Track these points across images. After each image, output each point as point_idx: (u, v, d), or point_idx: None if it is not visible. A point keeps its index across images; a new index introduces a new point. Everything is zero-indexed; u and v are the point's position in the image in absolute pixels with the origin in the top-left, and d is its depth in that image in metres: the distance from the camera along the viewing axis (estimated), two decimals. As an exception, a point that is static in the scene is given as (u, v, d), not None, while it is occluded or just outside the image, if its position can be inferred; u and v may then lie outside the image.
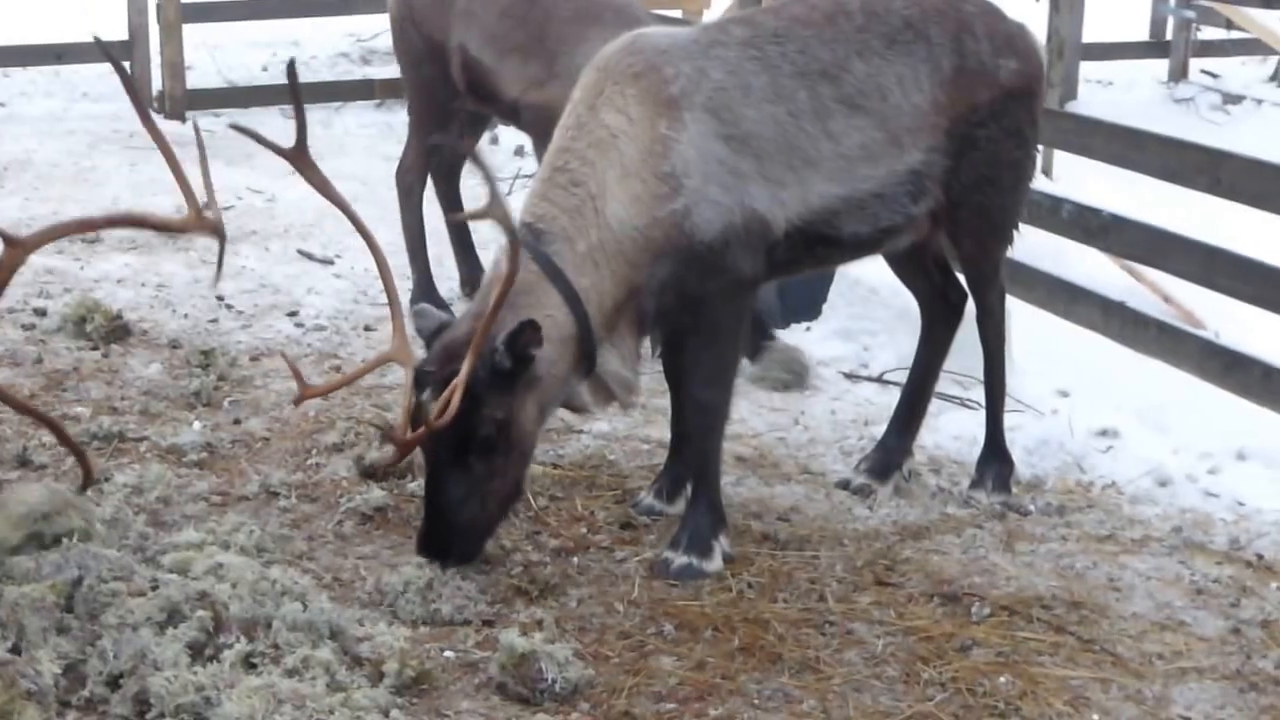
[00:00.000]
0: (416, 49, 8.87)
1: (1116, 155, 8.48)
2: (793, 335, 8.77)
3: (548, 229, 5.85)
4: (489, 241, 9.02)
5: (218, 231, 5.60)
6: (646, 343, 6.20)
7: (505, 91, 8.43)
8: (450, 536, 5.82)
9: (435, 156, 9.16)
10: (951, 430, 7.52)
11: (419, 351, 5.99)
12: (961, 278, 6.82)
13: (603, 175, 5.85)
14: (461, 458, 5.70)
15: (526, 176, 10.88)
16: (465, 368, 5.53)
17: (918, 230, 6.42)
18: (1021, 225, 6.83)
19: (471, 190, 9.36)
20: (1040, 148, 6.75)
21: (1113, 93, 16.64)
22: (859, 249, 6.40)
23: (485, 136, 9.71)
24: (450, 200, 9.20)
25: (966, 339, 7.00)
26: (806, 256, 6.24)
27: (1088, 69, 15.87)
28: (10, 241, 5.20)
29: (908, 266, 6.85)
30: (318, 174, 5.97)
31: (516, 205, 7.07)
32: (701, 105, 5.92)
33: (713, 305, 6.00)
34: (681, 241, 5.85)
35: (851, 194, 6.12)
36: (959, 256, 6.71)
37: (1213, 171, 7.69)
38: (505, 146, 12.84)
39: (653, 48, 6.06)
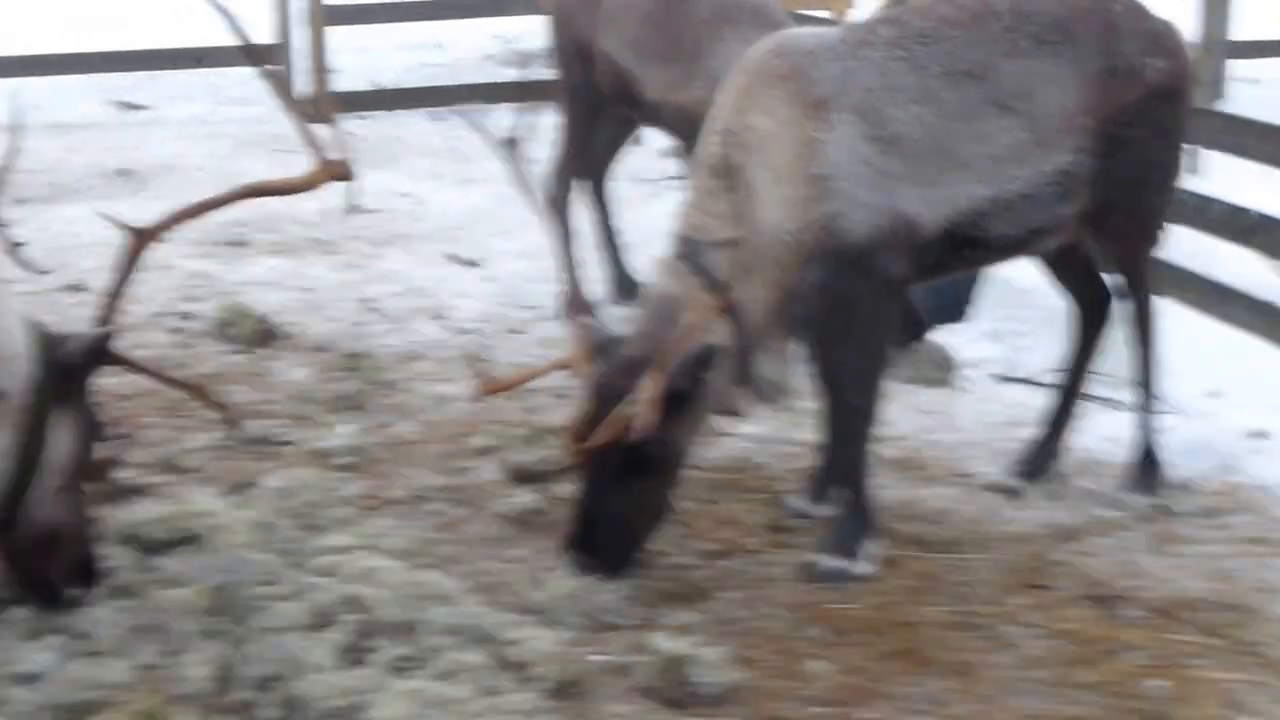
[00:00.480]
0: (567, 52, 8.89)
1: (1269, 155, 8.32)
2: (940, 336, 8.69)
3: (702, 238, 5.84)
4: (635, 245, 9.04)
5: (346, 175, 5.64)
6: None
7: (647, 94, 8.44)
8: (601, 547, 5.82)
9: (583, 159, 9.14)
10: (1101, 432, 7.38)
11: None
12: (1111, 278, 6.72)
13: (753, 180, 5.82)
14: (623, 472, 5.71)
15: (673, 178, 10.86)
16: (651, 386, 5.53)
17: (1066, 231, 6.34)
18: (1169, 225, 6.74)
19: (620, 191, 9.37)
20: (1188, 147, 6.63)
21: (1260, 91, 16.36)
22: (1007, 250, 6.33)
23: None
24: (598, 202, 9.19)
25: (1117, 340, 6.90)
26: (954, 258, 6.19)
27: (1235, 67, 15.61)
28: (135, 231, 5.24)
29: (1058, 267, 6.76)
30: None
31: (664, 207, 7.09)
32: (850, 107, 5.88)
33: (861, 307, 5.95)
34: (831, 244, 5.82)
35: (999, 195, 6.05)
36: (1108, 257, 6.61)
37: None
38: (650, 148, 12.82)
39: (800, 49, 6.02)
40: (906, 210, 5.91)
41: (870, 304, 5.97)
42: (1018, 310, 8.76)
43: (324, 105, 13.77)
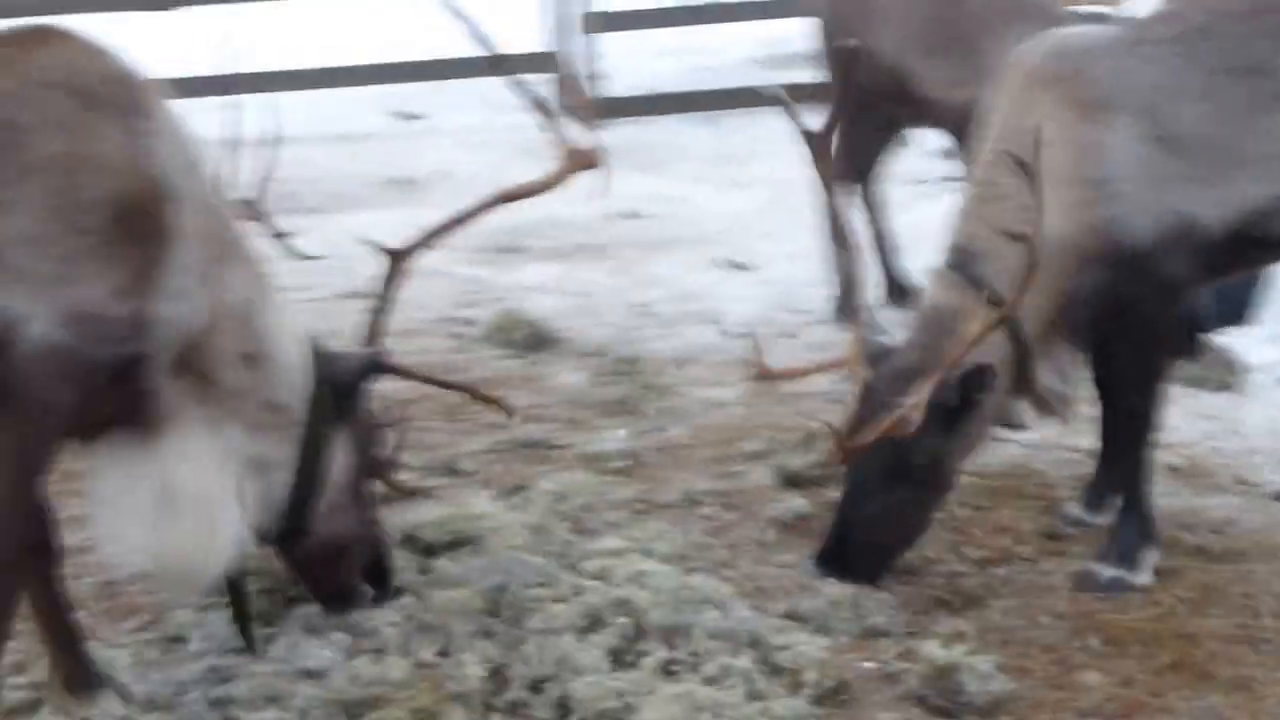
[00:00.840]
0: (837, 50, 8.82)
1: None
2: (1225, 340, 8.50)
3: (980, 249, 5.78)
4: (907, 247, 8.97)
5: (593, 163, 5.69)
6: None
7: (928, 93, 8.37)
8: (854, 556, 5.80)
9: (859, 160, 9.08)
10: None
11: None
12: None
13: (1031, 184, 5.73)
14: (888, 482, 5.68)
15: (946, 179, 10.74)
16: (926, 392, 5.50)
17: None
18: None
19: (892, 193, 9.30)
20: None
21: None
22: (1292, 251, 6.17)
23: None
24: (868, 204, 9.13)
25: None
26: (1237, 259, 6.03)
27: None
28: (390, 254, 5.31)
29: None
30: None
31: (936, 209, 7.01)
32: (1129, 107, 5.76)
33: (1143, 311, 5.83)
34: (1113, 248, 5.71)
35: None
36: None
37: None
38: (921, 149, 12.71)
39: (1076, 48, 5.92)
40: (1188, 211, 5.77)
41: (1152, 307, 5.85)
42: (1304, 314, 8.55)
43: (593, 111, 13.86)
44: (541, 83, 14.35)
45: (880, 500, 5.71)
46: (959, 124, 7.75)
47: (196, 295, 4.61)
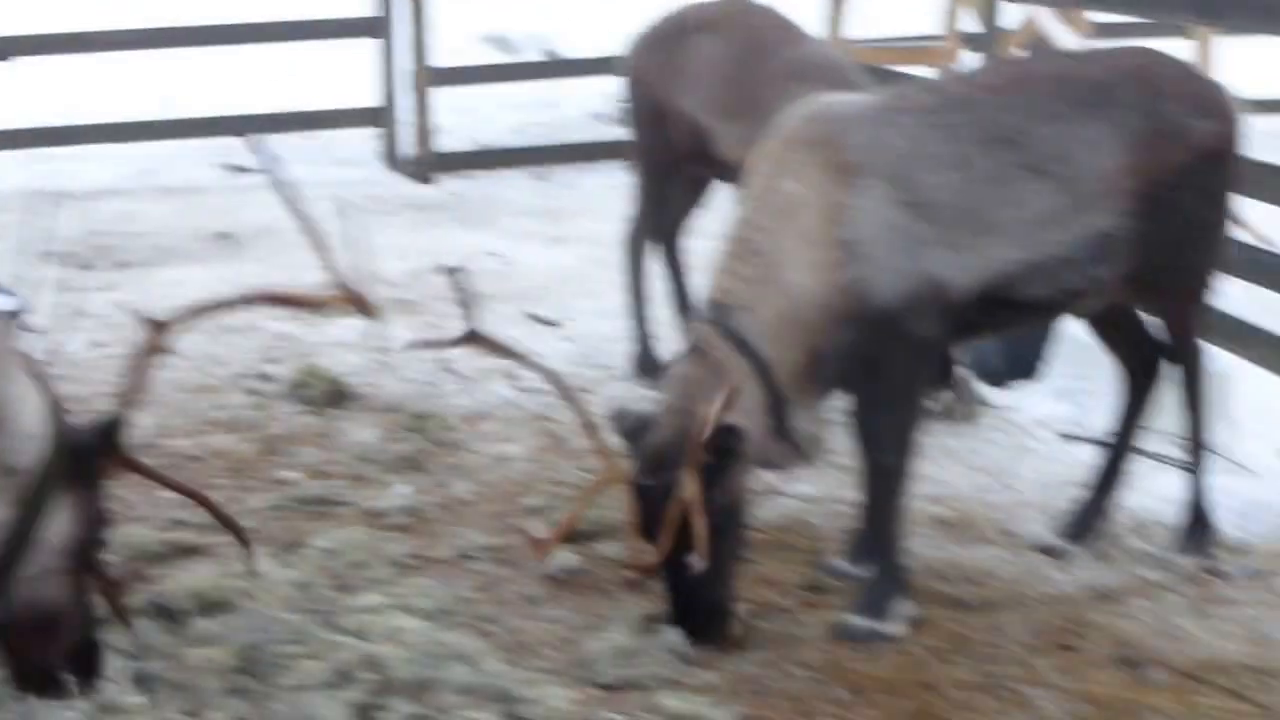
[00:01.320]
0: (642, 110, 9.03)
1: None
2: (1013, 395, 8.71)
3: (733, 302, 5.92)
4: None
5: (363, 305, 5.64)
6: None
7: (726, 153, 8.49)
8: (708, 618, 5.93)
9: (663, 220, 9.23)
10: (1160, 492, 7.34)
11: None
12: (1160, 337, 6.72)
13: (783, 243, 5.89)
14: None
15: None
16: (690, 485, 5.65)
17: (1107, 292, 6.35)
18: (1241, 282, 6.66)
19: (701, 251, 9.43)
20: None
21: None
22: (1043, 312, 6.40)
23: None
24: (671, 262, 9.27)
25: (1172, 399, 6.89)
26: (987, 320, 6.22)
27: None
28: (153, 323, 5.33)
29: (1104, 327, 6.78)
30: (498, 344, 6.52)
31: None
32: (879, 172, 5.94)
33: (891, 369, 6.01)
34: (860, 308, 5.87)
35: (1033, 259, 6.08)
36: (1156, 317, 6.61)
37: None
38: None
39: (831, 115, 6.12)
40: (937, 274, 5.95)
41: (901, 366, 6.02)
42: (1088, 368, 8.72)
43: (425, 168, 14.00)
44: (375, 137, 14.62)
45: (712, 565, 5.79)
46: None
47: None
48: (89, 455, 5.17)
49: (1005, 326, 6.71)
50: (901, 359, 6.00)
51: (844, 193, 5.90)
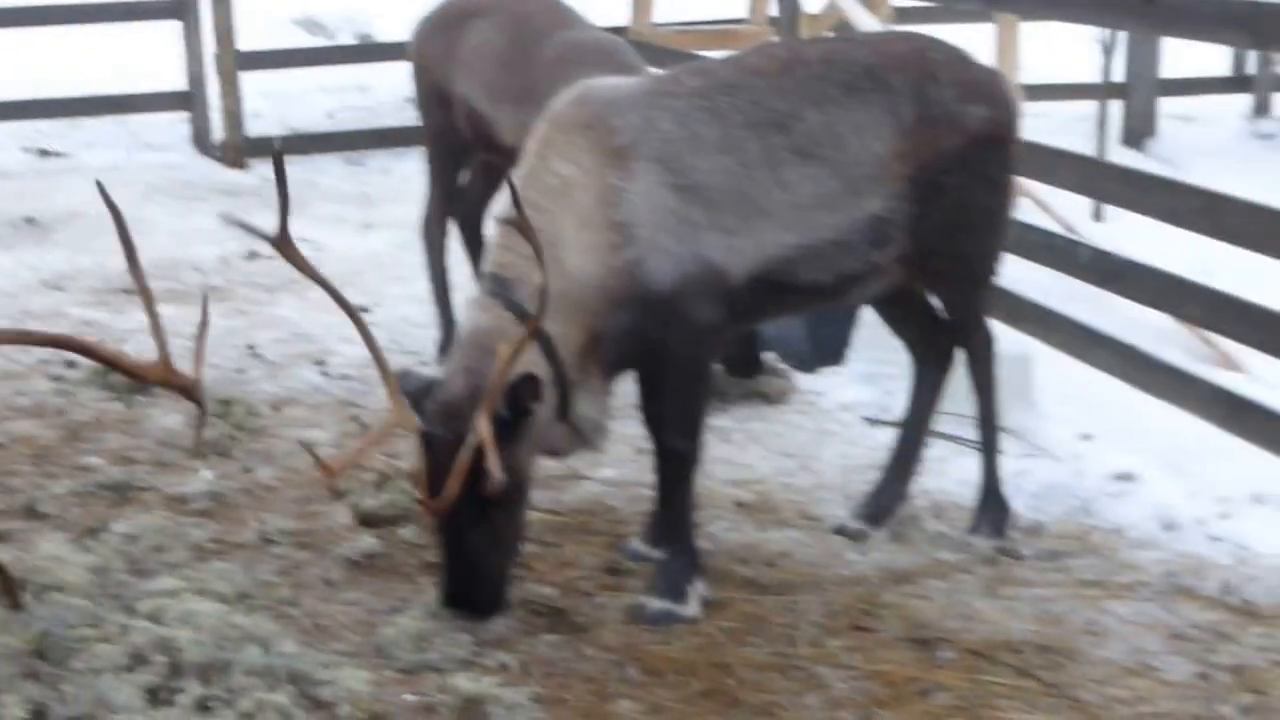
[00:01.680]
0: (427, 97, 9.09)
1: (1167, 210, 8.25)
2: (818, 379, 8.82)
3: (513, 276, 5.94)
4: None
5: (189, 392, 5.68)
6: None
7: (504, 139, 8.50)
8: (482, 590, 5.92)
9: (458, 205, 9.30)
10: (958, 475, 7.51)
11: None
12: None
13: (559, 224, 5.92)
14: (479, 512, 5.76)
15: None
16: (484, 426, 5.60)
17: (888, 277, 6.44)
18: (1041, 266, 6.74)
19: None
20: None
21: (1194, 129, 16.49)
22: (823, 296, 6.44)
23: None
24: (475, 250, 9.30)
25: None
26: (768, 303, 6.30)
27: (1167, 104, 15.80)
28: None
29: (891, 311, 6.90)
30: (300, 259, 6.02)
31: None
32: (649, 155, 6.00)
33: (675, 353, 6.07)
34: (636, 290, 5.93)
35: (808, 242, 6.16)
36: (939, 302, 6.73)
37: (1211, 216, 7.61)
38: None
39: (601, 99, 6.16)
40: (711, 257, 6.02)
41: (682, 350, 6.07)
42: (892, 353, 8.82)
43: (235, 152, 13.90)
44: (185, 122, 14.50)
45: (486, 531, 5.81)
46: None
47: None
48: None
49: (787, 310, 6.80)
50: (682, 342, 6.06)
51: (616, 176, 5.96)
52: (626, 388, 6.54)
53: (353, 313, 6.04)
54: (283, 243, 5.94)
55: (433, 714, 5.41)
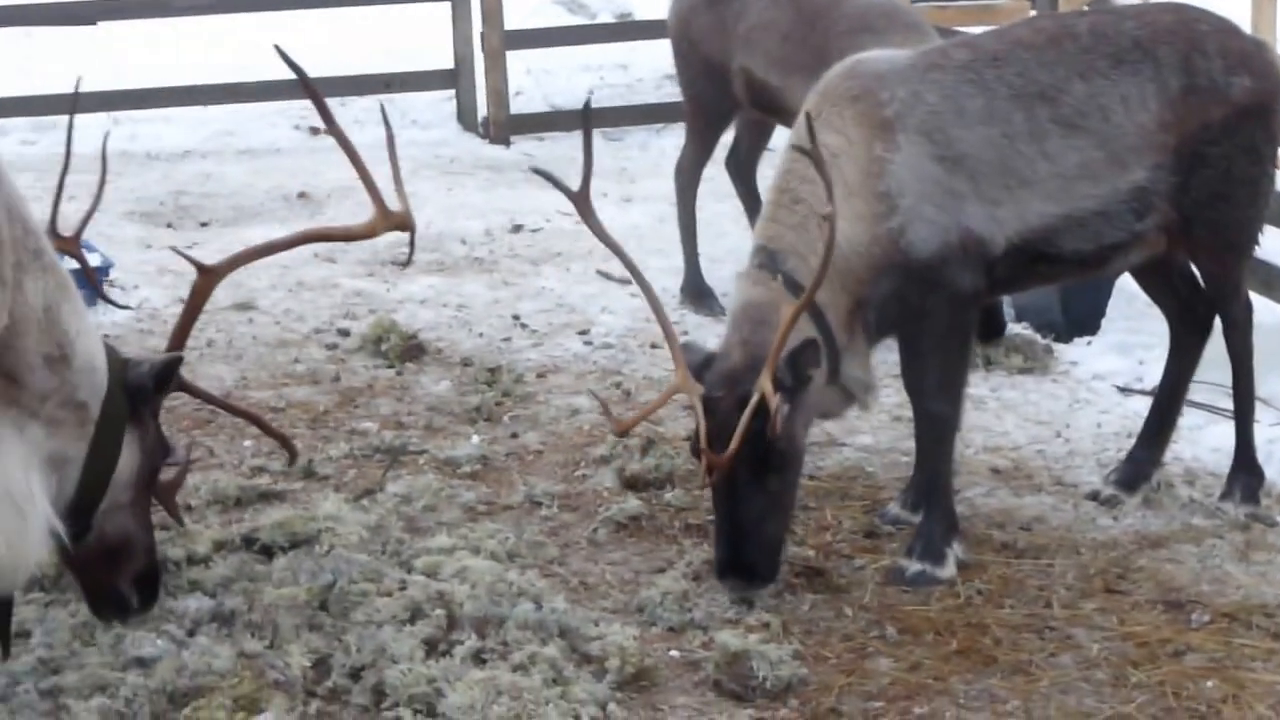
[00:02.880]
0: (694, 68, 9.61)
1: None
2: (1072, 349, 8.89)
3: (780, 248, 6.13)
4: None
5: (406, 225, 5.90)
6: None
7: (794, 106, 8.75)
8: (760, 556, 6.05)
9: (733, 160, 9.94)
10: (1211, 442, 7.53)
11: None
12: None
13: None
14: (759, 477, 5.94)
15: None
16: (767, 386, 5.77)
17: (1149, 246, 6.50)
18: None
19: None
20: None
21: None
22: (1084, 265, 6.52)
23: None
24: (750, 201, 9.81)
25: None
26: (1028, 273, 6.42)
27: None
28: (202, 269, 5.61)
29: (1151, 280, 6.94)
30: (593, 220, 6.41)
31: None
32: (915, 128, 6.16)
33: (935, 319, 6.22)
34: (899, 258, 6.10)
35: (1071, 212, 6.26)
36: (1199, 271, 6.77)
37: None
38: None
39: (870, 72, 6.32)
40: (974, 227, 6.16)
41: (943, 316, 6.22)
42: (1146, 323, 8.88)
43: (499, 128, 14.21)
44: (451, 100, 14.85)
45: (759, 497, 5.96)
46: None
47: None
48: (149, 391, 5.42)
49: (1048, 279, 6.88)
50: (944, 309, 6.21)
51: (882, 147, 6.13)
52: (887, 357, 6.71)
53: (638, 274, 6.40)
54: (581, 200, 6.28)
55: (697, 669, 5.61)
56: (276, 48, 5.93)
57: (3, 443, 4.99)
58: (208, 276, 5.64)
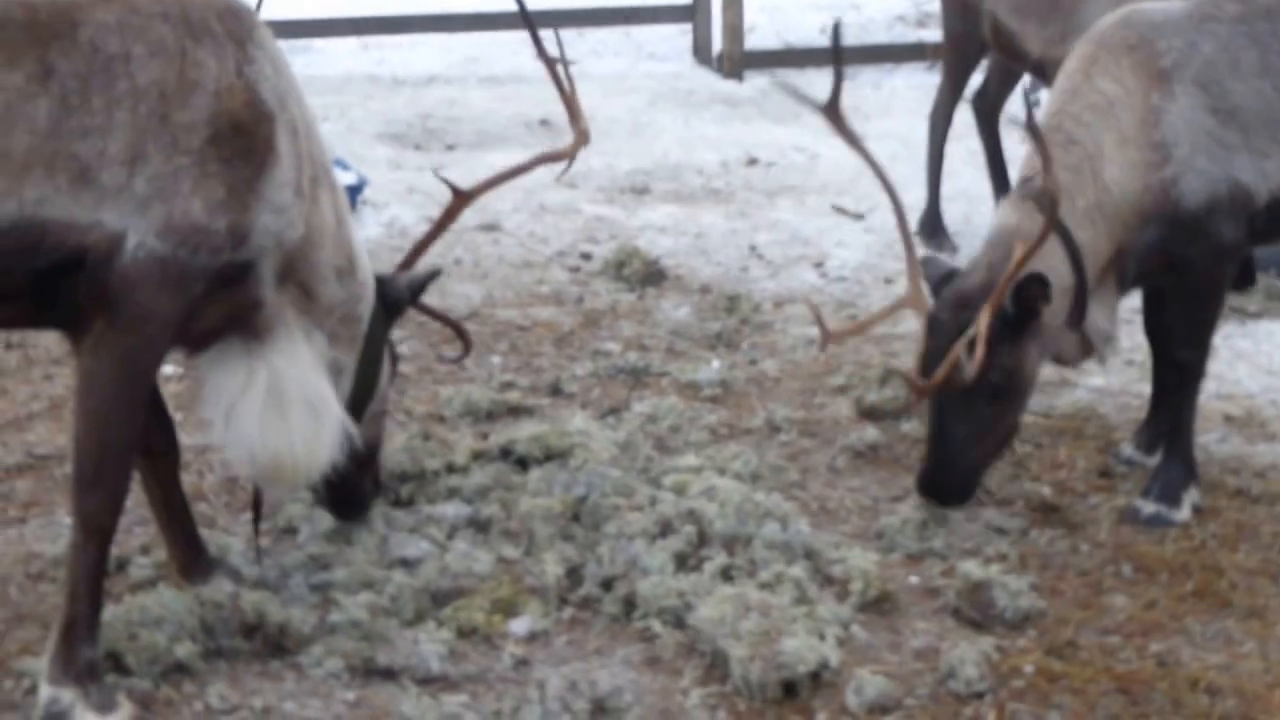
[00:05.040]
0: (953, 7, 9.79)
1: None
2: None
3: (1049, 186, 6.19)
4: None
5: (585, 137, 6.16)
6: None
7: (1030, 50, 9.02)
8: (953, 478, 6.19)
9: (980, 101, 10.07)
10: None
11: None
12: None
13: (1100, 139, 6.16)
14: (971, 403, 6.04)
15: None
16: (986, 319, 5.88)
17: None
18: None
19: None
20: None
21: None
22: (1335, 221, 6.56)
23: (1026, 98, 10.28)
24: (991, 141, 9.97)
25: None
26: None
27: None
28: (456, 192, 5.87)
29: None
30: (847, 129, 6.46)
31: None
32: (1191, 79, 6.20)
33: (1195, 269, 6.28)
34: (1169, 208, 6.15)
35: None
36: None
37: None
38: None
39: (1146, 22, 6.36)
40: (1242, 179, 6.20)
41: (1203, 266, 6.28)
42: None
43: (734, 62, 14.34)
44: (686, 34, 15.00)
45: (969, 422, 6.07)
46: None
47: (293, 210, 5.08)
48: (405, 305, 5.74)
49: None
50: (1206, 260, 6.27)
51: (1159, 97, 6.18)
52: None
53: (878, 168, 6.54)
54: (831, 111, 6.38)
55: (938, 596, 5.78)
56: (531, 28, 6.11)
57: (298, 350, 5.23)
58: (461, 198, 5.86)
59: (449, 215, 5.98)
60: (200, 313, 4.95)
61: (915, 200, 9.90)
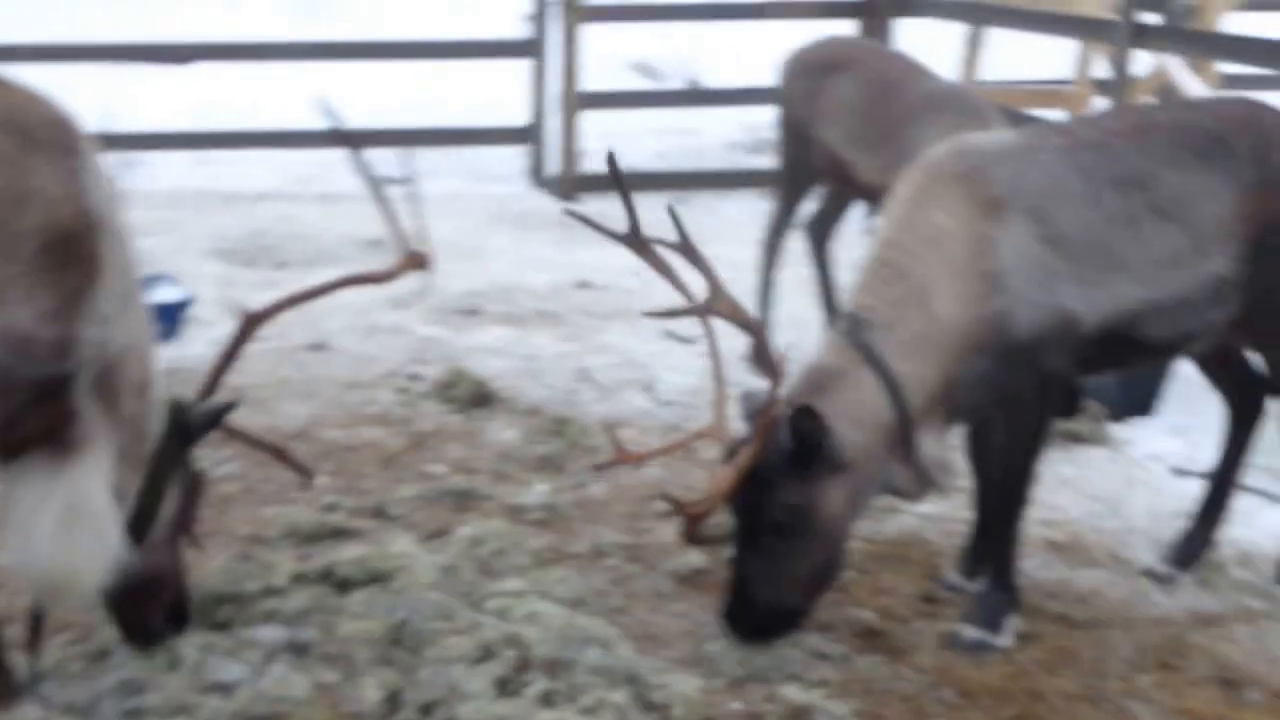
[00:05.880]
0: (787, 129, 9.97)
1: None
2: (1128, 429, 9.00)
3: (869, 317, 6.19)
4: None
5: (423, 264, 6.11)
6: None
7: (861, 178, 9.18)
8: (746, 614, 6.15)
9: (813, 228, 10.23)
10: (1265, 526, 7.63)
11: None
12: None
13: (930, 270, 6.16)
14: (762, 540, 6.04)
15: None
16: (750, 450, 5.92)
17: (1216, 334, 6.62)
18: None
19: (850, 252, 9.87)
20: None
21: None
22: (1158, 352, 6.66)
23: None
24: (822, 268, 10.18)
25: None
26: (1107, 357, 6.49)
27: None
28: (246, 314, 5.65)
29: (1211, 365, 7.06)
30: (654, 255, 6.47)
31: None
32: (1022, 207, 6.23)
33: (1021, 399, 6.30)
34: (999, 339, 6.15)
35: (1157, 298, 6.35)
36: (1263, 358, 6.89)
37: None
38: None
39: (976, 151, 6.41)
40: (1070, 308, 6.24)
41: (1030, 396, 6.31)
42: (1201, 406, 8.96)
43: (569, 185, 14.42)
44: (523, 155, 15.07)
45: (761, 558, 6.06)
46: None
47: (115, 321, 5.03)
48: (199, 433, 5.53)
49: (1124, 364, 6.99)
50: (1031, 390, 6.30)
51: (990, 226, 6.21)
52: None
53: (707, 269, 6.69)
54: (633, 238, 6.47)
55: (759, 721, 5.76)
56: (320, 99, 6.08)
57: (96, 464, 5.12)
58: (251, 320, 5.65)
59: (241, 338, 5.70)
60: (17, 423, 4.87)
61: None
